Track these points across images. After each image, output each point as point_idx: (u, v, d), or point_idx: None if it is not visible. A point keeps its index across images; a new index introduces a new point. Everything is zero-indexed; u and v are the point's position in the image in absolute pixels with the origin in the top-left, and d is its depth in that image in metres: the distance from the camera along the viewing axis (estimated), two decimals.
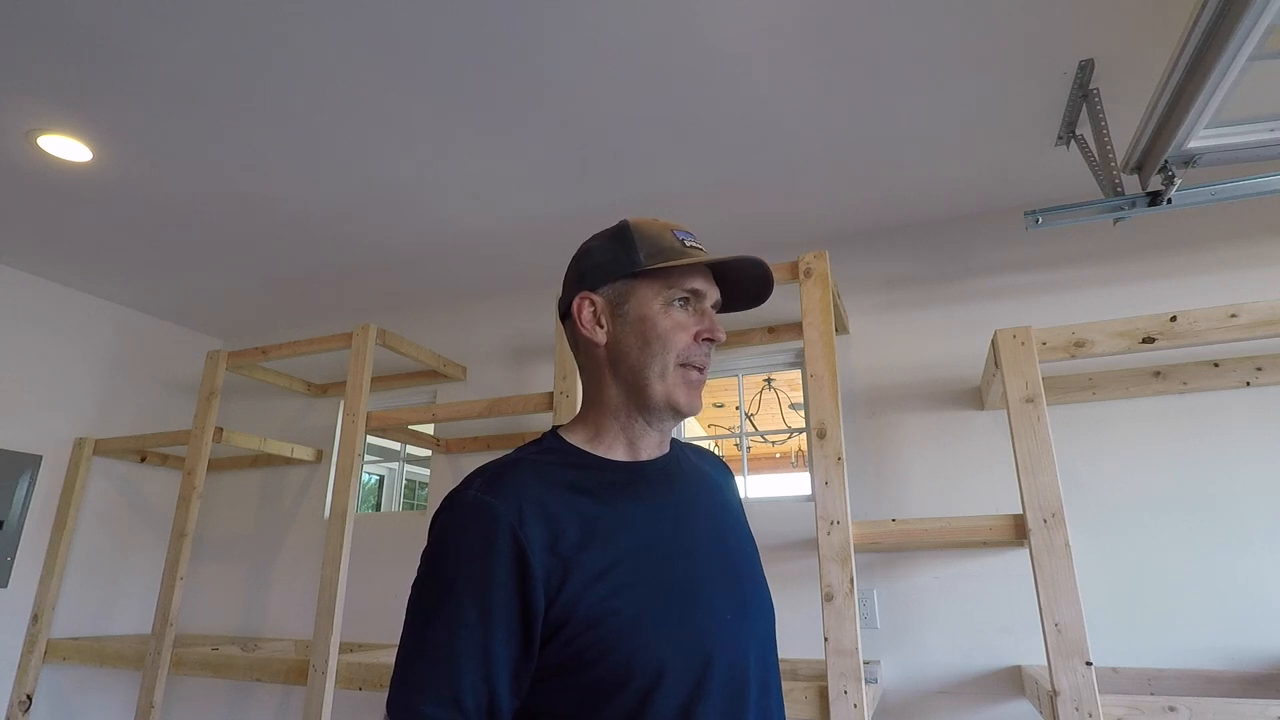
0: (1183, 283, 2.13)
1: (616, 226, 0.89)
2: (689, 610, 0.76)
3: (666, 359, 0.83)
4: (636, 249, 0.85)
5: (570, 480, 0.80)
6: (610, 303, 0.86)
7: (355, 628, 2.82)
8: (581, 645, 0.71)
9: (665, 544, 0.79)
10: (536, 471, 0.79)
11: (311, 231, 2.50)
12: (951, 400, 2.27)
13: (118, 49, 1.64)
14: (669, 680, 0.71)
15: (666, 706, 0.71)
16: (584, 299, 0.86)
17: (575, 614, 0.71)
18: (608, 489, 0.81)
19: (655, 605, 0.74)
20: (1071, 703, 1.41)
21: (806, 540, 2.28)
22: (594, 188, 2.22)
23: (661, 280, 0.84)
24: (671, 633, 0.73)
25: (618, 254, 0.86)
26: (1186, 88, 1.34)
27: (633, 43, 1.63)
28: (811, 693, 1.64)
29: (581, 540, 0.74)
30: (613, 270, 0.85)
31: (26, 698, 2.64)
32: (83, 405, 2.99)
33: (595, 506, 0.78)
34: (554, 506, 0.76)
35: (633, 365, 0.83)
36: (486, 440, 2.86)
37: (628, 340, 0.84)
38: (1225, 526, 1.92)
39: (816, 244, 2.57)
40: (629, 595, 0.73)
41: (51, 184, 2.19)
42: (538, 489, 0.77)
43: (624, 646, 0.71)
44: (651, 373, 0.83)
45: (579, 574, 0.72)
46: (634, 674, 0.70)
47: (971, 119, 1.89)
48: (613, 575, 0.74)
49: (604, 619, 0.71)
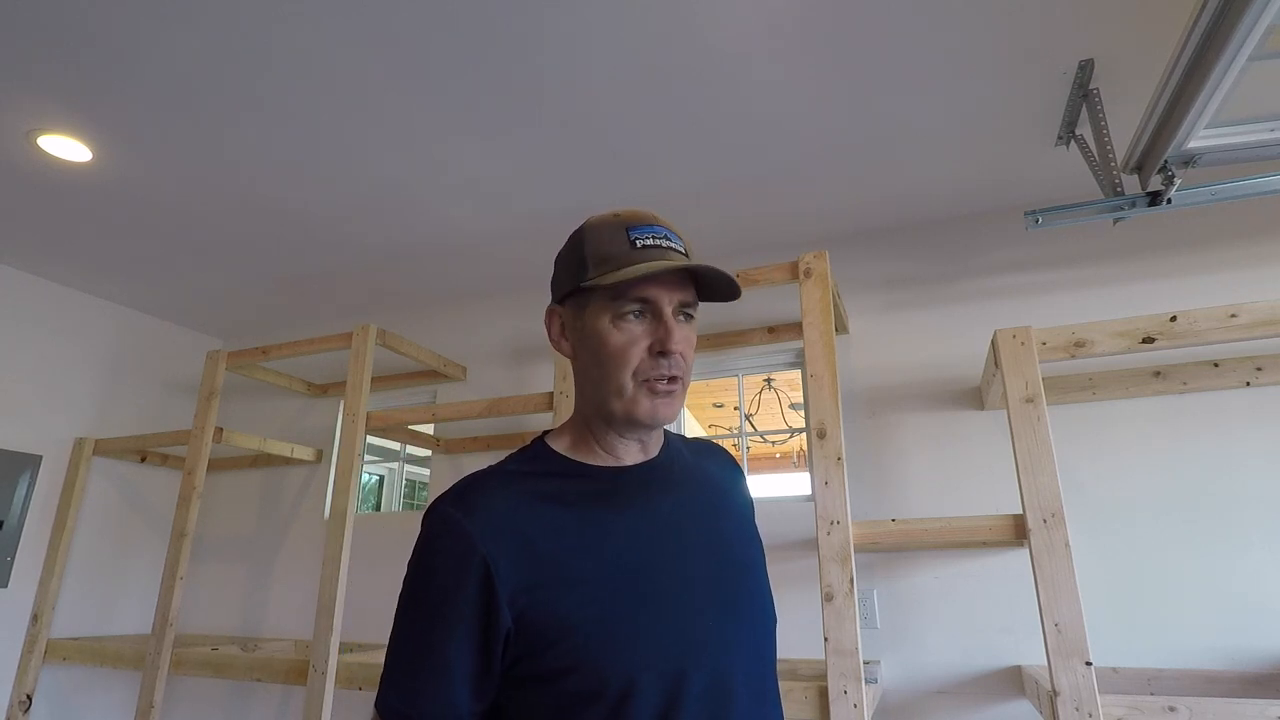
0: (1183, 283, 2.13)
1: (575, 233, 0.83)
2: (664, 620, 0.74)
3: (622, 377, 0.76)
4: (585, 258, 0.78)
5: (547, 491, 0.78)
6: (571, 315, 0.82)
7: (355, 628, 2.81)
8: (552, 657, 0.71)
9: (643, 552, 0.77)
10: (511, 484, 0.79)
11: (311, 231, 2.50)
12: (951, 400, 2.27)
13: (118, 49, 1.64)
14: (641, 692, 0.70)
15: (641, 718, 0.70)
16: (551, 312, 0.84)
17: (543, 626, 0.71)
18: (587, 499, 0.79)
19: (627, 616, 0.73)
20: (1071, 703, 1.41)
21: (806, 540, 2.28)
22: (594, 188, 2.22)
23: (609, 292, 0.76)
24: (643, 644, 0.72)
25: (570, 263, 0.81)
26: (1186, 88, 1.34)
27: (633, 43, 1.63)
28: (811, 693, 1.64)
29: (551, 553, 0.73)
30: (565, 282, 0.81)
31: (26, 698, 2.64)
32: (83, 405, 2.99)
33: (569, 518, 0.77)
34: (523, 520, 0.75)
35: (592, 380, 0.80)
36: (486, 440, 2.86)
37: (584, 357, 0.81)
38: (1225, 526, 1.92)
39: (816, 244, 2.57)
40: (599, 607, 0.72)
41: (51, 184, 2.19)
42: (508, 503, 0.76)
43: (593, 659, 0.70)
44: (609, 390, 0.78)
45: (548, 587, 0.72)
46: (605, 686, 0.70)
47: (971, 119, 1.89)
48: (583, 586, 0.73)
49: (573, 630, 0.71)
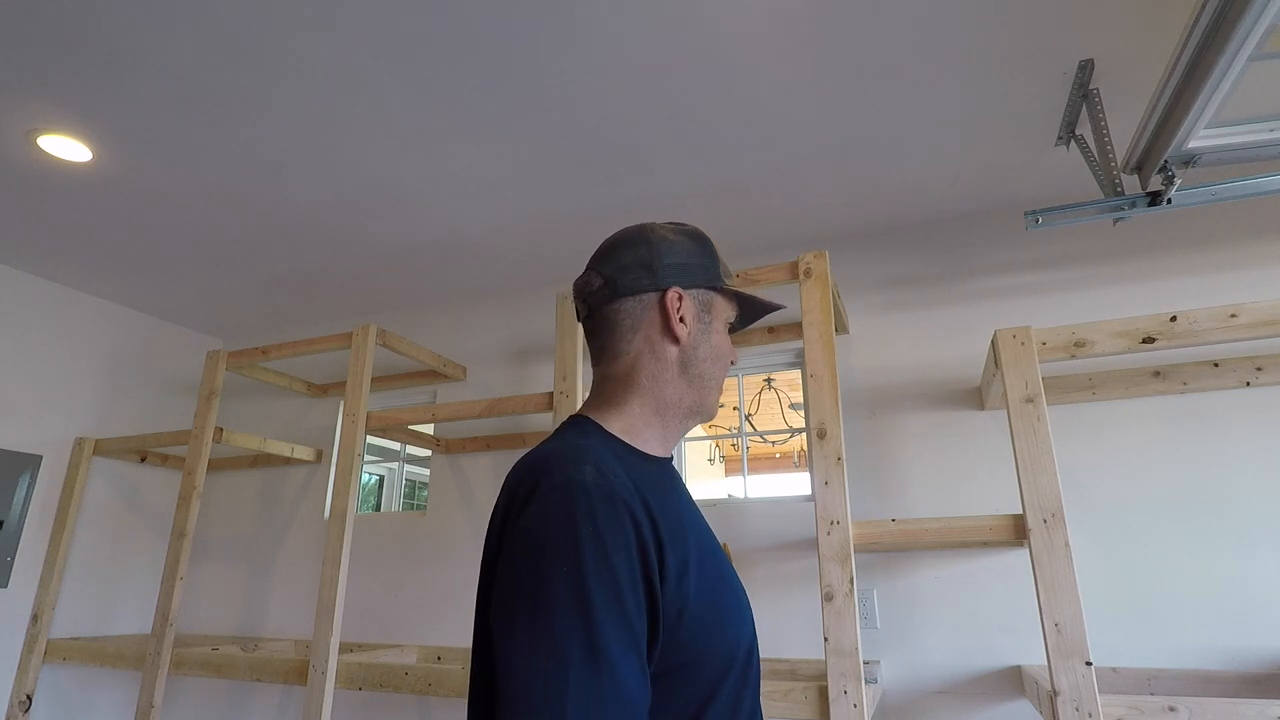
0: (1183, 283, 2.13)
1: (693, 230, 0.90)
2: (737, 599, 0.78)
3: (723, 378, 0.88)
4: (718, 262, 0.88)
5: (636, 471, 0.76)
6: (698, 305, 0.86)
7: (355, 628, 2.82)
8: (666, 641, 0.68)
9: (706, 535, 0.81)
10: (618, 458, 0.75)
11: (312, 231, 2.50)
12: (951, 400, 2.27)
13: (118, 49, 1.64)
14: (734, 668, 0.74)
15: (729, 693, 0.73)
16: (679, 293, 0.84)
17: (667, 610, 0.68)
18: (659, 481, 0.79)
19: (720, 597, 0.75)
20: (1071, 703, 1.41)
21: (806, 540, 2.28)
22: (594, 188, 2.22)
23: (729, 301, 0.90)
24: (732, 624, 0.75)
25: (705, 261, 0.87)
26: (1186, 88, 1.34)
27: (633, 43, 1.63)
28: (811, 693, 1.64)
29: (669, 533, 0.71)
30: (704, 276, 0.87)
31: (26, 698, 2.64)
32: (83, 405, 2.99)
33: (661, 497, 0.74)
34: (647, 497, 0.71)
35: (703, 373, 0.86)
36: (486, 440, 2.86)
37: (704, 348, 0.86)
38: (1225, 526, 1.92)
39: (816, 244, 2.57)
40: (703, 589, 0.73)
41: (51, 184, 2.19)
42: (627, 476, 0.72)
43: (700, 641, 0.71)
44: (714, 384, 0.87)
45: (671, 569, 0.70)
46: (707, 667, 0.71)
47: (971, 119, 1.90)
48: (691, 570, 0.72)
49: (685, 614, 0.70)
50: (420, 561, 2.81)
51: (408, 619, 2.75)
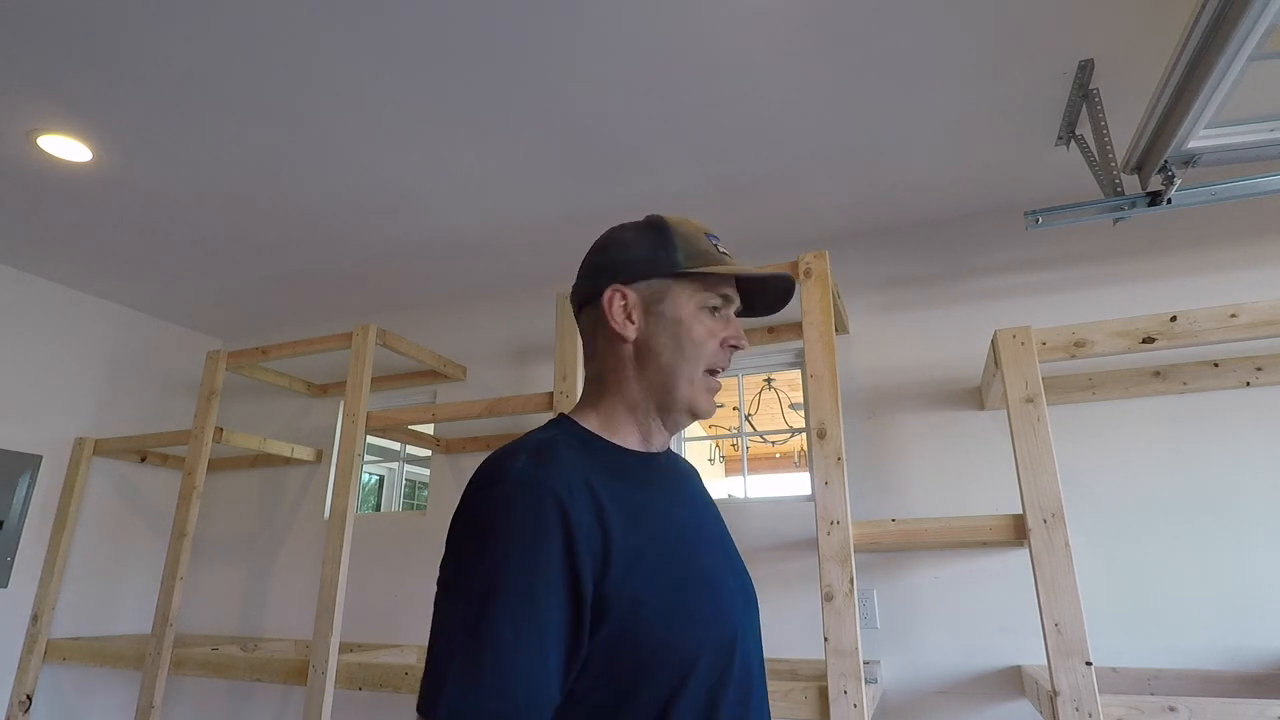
0: (1183, 283, 2.13)
1: (651, 221, 0.88)
2: (714, 598, 0.77)
3: (697, 365, 0.83)
4: (675, 248, 0.84)
5: (600, 462, 0.78)
6: (644, 299, 0.84)
7: (355, 628, 2.82)
8: (619, 631, 0.69)
9: (686, 532, 0.80)
10: (573, 447, 0.77)
11: (311, 231, 2.50)
12: (951, 400, 2.27)
13: (118, 49, 1.64)
14: (701, 667, 0.71)
15: (698, 692, 0.71)
16: (616, 291, 0.84)
17: (616, 599, 0.69)
18: (632, 478, 0.80)
19: (686, 592, 0.74)
20: (1071, 703, 1.41)
21: (806, 540, 2.28)
22: (594, 188, 2.23)
23: (699, 284, 0.84)
24: (702, 620, 0.74)
25: (655, 250, 0.85)
26: (1186, 88, 1.34)
27: (634, 44, 1.63)
28: (811, 693, 1.64)
29: (620, 523, 0.72)
30: (649, 267, 0.84)
31: (26, 698, 2.64)
32: (83, 405, 2.99)
33: (626, 489, 0.76)
34: (596, 486, 0.73)
35: (663, 366, 0.83)
36: (486, 440, 2.86)
37: (659, 340, 0.84)
38: (1225, 526, 1.92)
39: (816, 244, 2.57)
40: (663, 581, 0.72)
41: (51, 184, 2.19)
42: (581, 468, 0.74)
43: (659, 633, 0.70)
44: (681, 377, 0.83)
45: (619, 557, 0.70)
46: (670, 661, 0.70)
47: (972, 119, 1.90)
48: (647, 560, 0.72)
49: (641, 605, 0.70)
50: (420, 561, 2.81)
51: (408, 619, 2.75)
